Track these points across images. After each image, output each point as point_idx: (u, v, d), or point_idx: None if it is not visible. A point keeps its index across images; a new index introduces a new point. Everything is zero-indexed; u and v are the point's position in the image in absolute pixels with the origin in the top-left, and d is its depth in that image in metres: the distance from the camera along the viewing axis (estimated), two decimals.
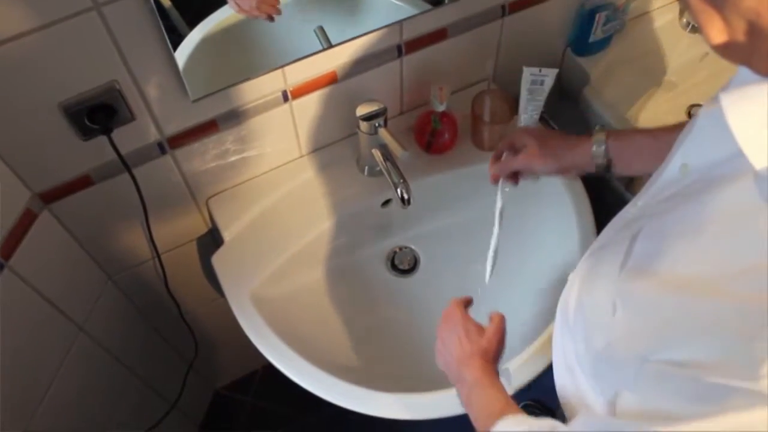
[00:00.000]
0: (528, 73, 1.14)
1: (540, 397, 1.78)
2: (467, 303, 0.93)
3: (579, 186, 1.17)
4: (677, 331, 0.48)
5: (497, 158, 1.02)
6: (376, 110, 1.08)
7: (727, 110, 0.45)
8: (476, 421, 0.77)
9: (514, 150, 1.00)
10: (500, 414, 0.73)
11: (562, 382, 0.75)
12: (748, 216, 0.46)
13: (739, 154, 0.44)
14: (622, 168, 0.90)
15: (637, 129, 0.92)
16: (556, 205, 1.17)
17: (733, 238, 0.46)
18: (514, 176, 1.01)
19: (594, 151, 0.90)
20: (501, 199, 1.01)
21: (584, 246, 1.09)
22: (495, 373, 0.83)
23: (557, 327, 0.77)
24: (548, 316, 1.03)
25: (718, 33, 0.44)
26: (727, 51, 0.45)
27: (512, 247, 1.21)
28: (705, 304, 0.46)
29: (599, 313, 0.62)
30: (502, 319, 0.88)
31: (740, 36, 0.43)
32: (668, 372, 0.47)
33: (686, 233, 0.51)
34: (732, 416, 0.42)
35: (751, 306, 0.42)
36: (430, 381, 1.01)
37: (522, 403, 1.79)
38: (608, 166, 0.91)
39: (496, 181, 1.01)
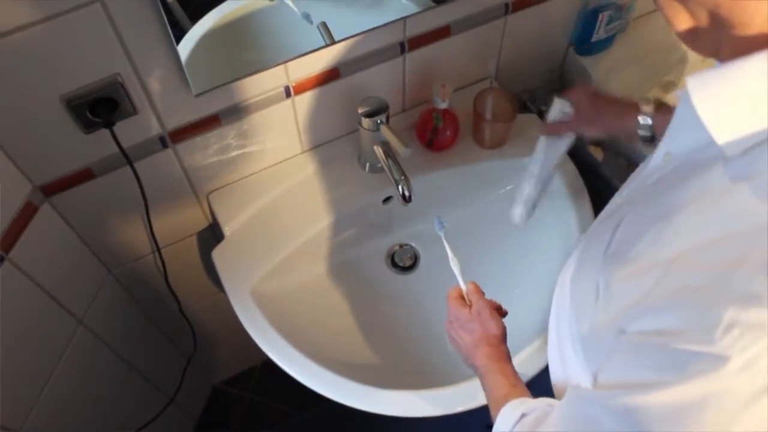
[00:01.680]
0: (558, 106, 1.06)
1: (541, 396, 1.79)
2: (461, 294, 0.93)
3: (579, 184, 1.18)
4: (650, 304, 0.49)
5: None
6: (378, 107, 1.08)
7: (692, 92, 0.47)
8: (490, 407, 0.80)
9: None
10: (505, 399, 0.75)
11: (554, 368, 0.77)
12: (717, 196, 0.47)
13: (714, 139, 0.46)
14: None
15: None
16: (557, 202, 1.17)
17: (702, 216, 0.48)
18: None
19: (640, 124, 0.91)
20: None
21: None
22: (503, 354, 0.84)
23: (552, 315, 0.78)
24: (545, 320, 1.03)
25: (682, 23, 0.49)
26: (696, 42, 0.49)
27: (513, 246, 1.21)
28: (673, 277, 0.48)
29: (585, 299, 0.63)
30: (478, 293, 0.90)
31: (704, 26, 0.47)
32: (641, 342, 0.49)
33: (662, 217, 0.52)
34: (694, 383, 0.43)
35: (713, 275, 0.44)
36: (429, 378, 1.01)
37: None
38: (653, 139, 0.91)
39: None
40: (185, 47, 0.89)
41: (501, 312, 0.91)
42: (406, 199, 1.04)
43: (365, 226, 1.22)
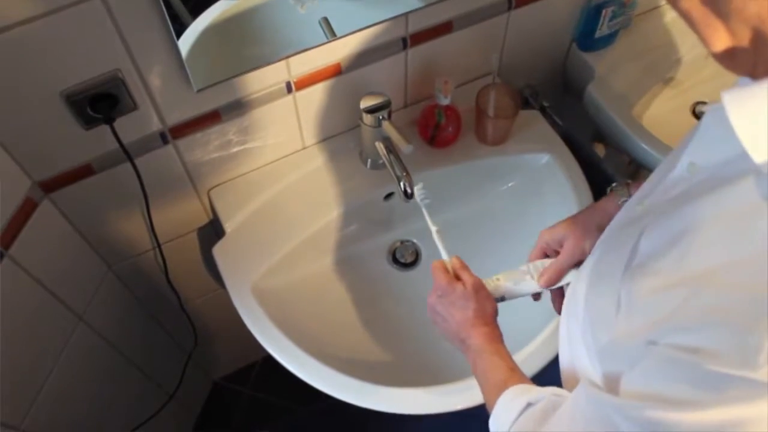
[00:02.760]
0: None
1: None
2: (446, 267, 0.88)
3: (582, 184, 1.17)
4: (681, 321, 0.48)
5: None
6: (380, 103, 1.07)
7: (729, 108, 0.44)
8: (483, 390, 0.77)
9: (551, 250, 0.91)
10: (504, 385, 0.72)
11: (567, 377, 0.75)
12: (749, 213, 0.46)
13: (745, 154, 0.44)
14: None
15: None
16: (559, 202, 1.16)
17: (732, 233, 0.47)
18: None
19: (621, 202, 0.85)
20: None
21: None
22: (498, 336, 0.81)
23: (563, 324, 0.76)
24: (551, 311, 1.03)
25: (720, 42, 0.44)
26: (733, 61, 0.45)
27: (515, 243, 1.20)
28: (705, 295, 0.46)
29: (604, 310, 0.62)
30: (468, 268, 0.87)
31: (744, 44, 0.43)
32: (675, 356, 0.47)
33: (690, 231, 0.51)
34: (731, 407, 0.42)
35: (746, 296, 0.43)
36: (430, 375, 1.01)
37: None
38: None
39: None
40: (186, 42, 0.88)
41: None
42: (408, 196, 1.04)
43: (366, 222, 1.21)
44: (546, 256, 0.90)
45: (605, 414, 0.54)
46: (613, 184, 0.90)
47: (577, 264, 0.85)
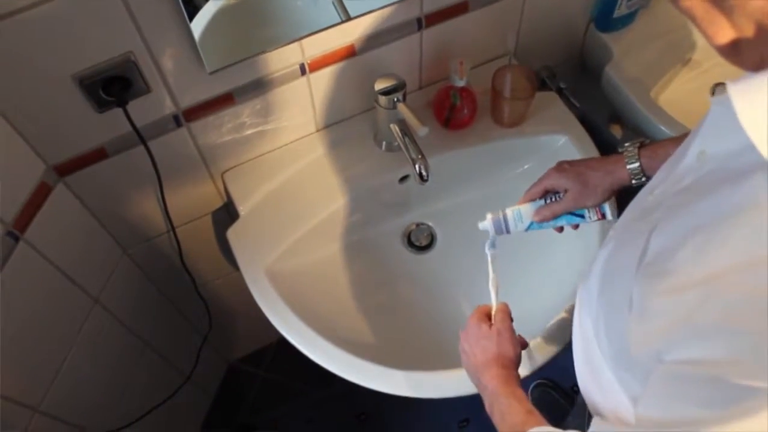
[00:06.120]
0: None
1: (553, 376, 1.79)
2: (487, 312, 0.91)
3: None
4: (691, 329, 0.46)
5: (530, 200, 0.96)
6: (395, 84, 1.06)
7: (734, 99, 0.44)
8: (500, 430, 0.77)
9: (552, 192, 0.94)
10: (522, 427, 0.72)
11: (583, 377, 0.74)
12: (762, 209, 0.44)
13: (753, 146, 0.43)
14: None
15: (666, 139, 0.90)
16: None
17: (745, 231, 0.45)
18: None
19: (630, 168, 0.88)
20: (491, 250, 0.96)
21: (602, 232, 1.08)
22: (514, 378, 0.82)
23: (576, 315, 0.75)
24: (565, 300, 1.02)
25: (724, 37, 0.43)
26: (738, 57, 0.44)
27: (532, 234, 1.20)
28: (719, 298, 0.45)
29: (617, 308, 0.61)
30: (505, 314, 0.88)
31: (750, 38, 0.42)
32: (685, 373, 0.46)
33: (701, 227, 0.50)
34: (753, 420, 0.40)
35: (764, 299, 0.41)
36: (444, 359, 1.00)
37: (536, 382, 1.80)
38: (646, 178, 0.89)
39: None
40: (198, 24, 0.87)
41: (522, 342, 0.89)
42: (423, 179, 1.03)
43: (381, 205, 1.21)
44: (546, 193, 0.94)
45: None
46: (626, 145, 0.90)
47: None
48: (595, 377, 0.68)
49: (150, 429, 1.40)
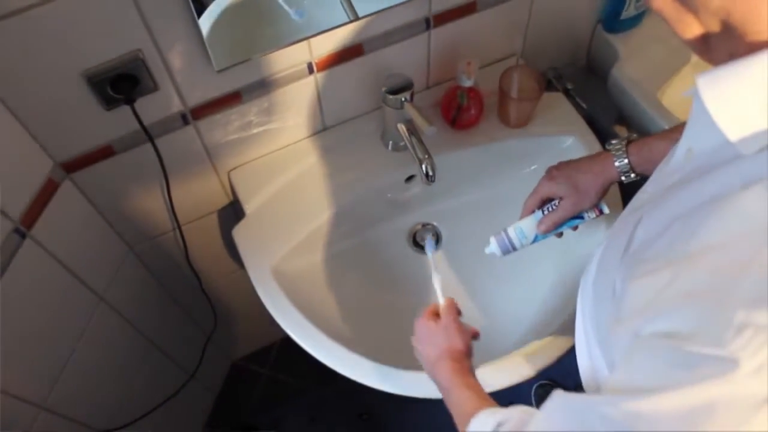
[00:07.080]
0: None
1: (555, 377, 1.79)
2: (435, 310, 0.93)
3: None
4: (661, 305, 0.48)
5: (529, 212, 1.00)
6: (402, 84, 1.06)
7: (703, 91, 0.46)
8: (457, 422, 0.77)
9: (548, 201, 0.98)
10: (472, 413, 0.72)
11: (585, 374, 0.74)
12: (733, 196, 0.46)
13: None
14: (647, 172, 0.91)
15: (654, 134, 0.92)
16: None
17: (717, 217, 0.46)
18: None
19: (618, 165, 0.92)
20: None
21: (603, 228, 1.08)
22: (467, 369, 0.83)
23: (579, 311, 0.76)
24: (568, 301, 1.02)
25: (692, 31, 0.47)
26: (709, 53, 0.48)
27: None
28: (685, 278, 0.46)
29: (604, 298, 0.62)
30: (450, 308, 0.90)
31: (716, 35, 0.45)
32: (652, 344, 0.47)
33: (679, 217, 0.51)
34: (706, 385, 0.41)
35: (724, 277, 0.43)
36: None
37: (539, 382, 1.80)
38: (635, 174, 0.92)
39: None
40: (206, 22, 0.87)
41: (473, 332, 0.90)
42: (429, 179, 1.03)
43: (387, 204, 1.21)
44: (543, 203, 0.98)
45: (581, 418, 0.53)
46: (613, 142, 0.91)
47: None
48: (595, 374, 0.68)
49: (154, 427, 1.40)
